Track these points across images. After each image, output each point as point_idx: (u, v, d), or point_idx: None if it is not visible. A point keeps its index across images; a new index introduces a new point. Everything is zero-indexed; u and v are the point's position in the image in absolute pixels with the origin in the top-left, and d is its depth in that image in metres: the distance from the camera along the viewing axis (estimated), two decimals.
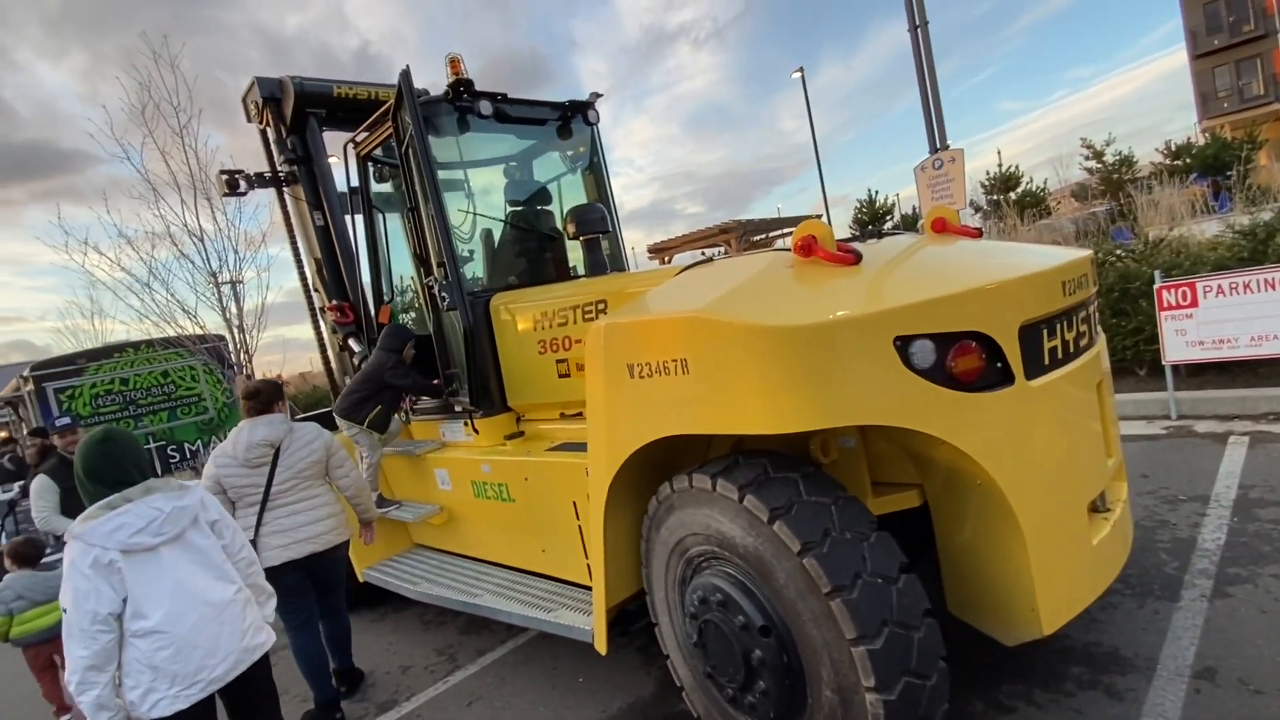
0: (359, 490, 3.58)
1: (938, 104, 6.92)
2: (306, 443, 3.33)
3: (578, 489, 3.03)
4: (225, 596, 2.17)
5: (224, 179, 5.20)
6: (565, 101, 4.27)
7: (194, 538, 2.17)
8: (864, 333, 1.84)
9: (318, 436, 3.39)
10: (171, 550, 2.10)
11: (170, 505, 2.11)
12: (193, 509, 2.18)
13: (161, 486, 2.17)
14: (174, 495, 2.15)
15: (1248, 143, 22.21)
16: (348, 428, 4.00)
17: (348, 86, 5.17)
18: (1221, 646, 2.51)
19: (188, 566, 2.11)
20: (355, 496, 3.58)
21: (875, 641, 1.77)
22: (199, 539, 2.18)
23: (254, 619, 2.26)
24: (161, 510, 2.08)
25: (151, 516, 2.06)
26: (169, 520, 2.09)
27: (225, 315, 8.62)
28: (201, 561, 2.16)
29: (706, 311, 2.01)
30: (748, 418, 1.94)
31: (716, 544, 2.17)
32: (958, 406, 1.91)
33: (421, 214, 3.70)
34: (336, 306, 5.11)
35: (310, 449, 3.33)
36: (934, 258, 2.43)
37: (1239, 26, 29.74)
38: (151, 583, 2.03)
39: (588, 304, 3.22)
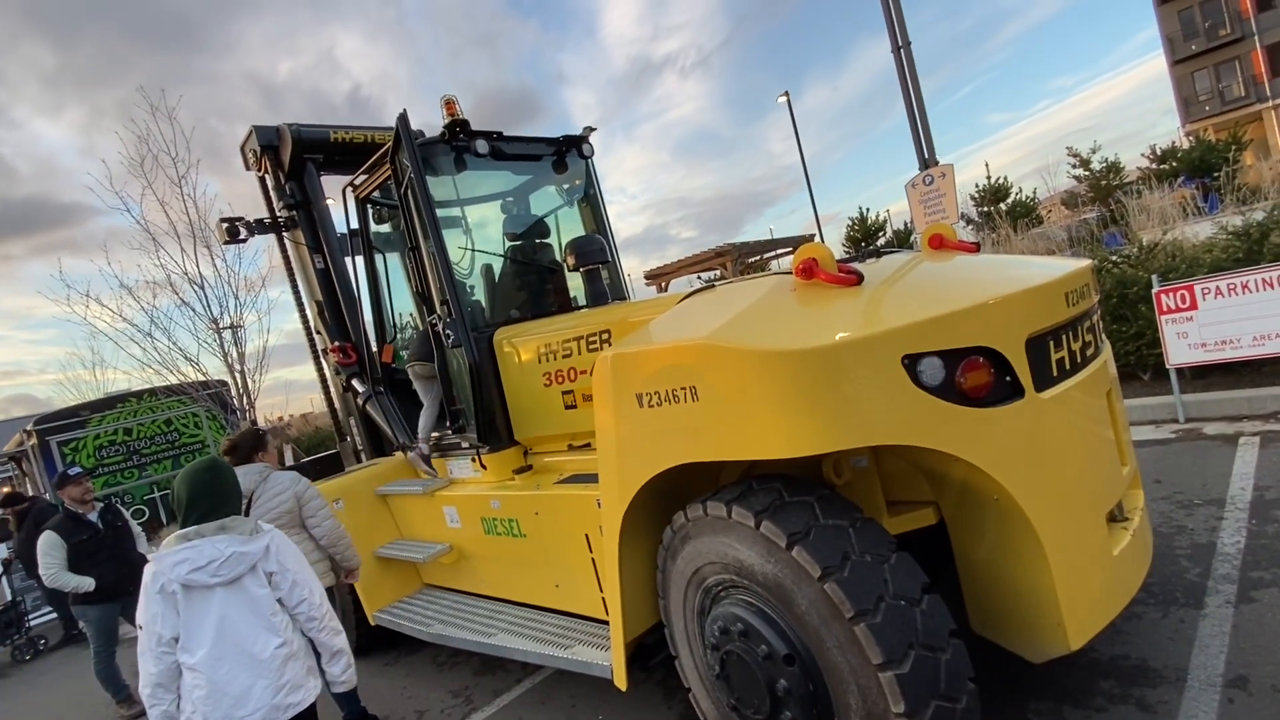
0: (336, 539, 3.54)
1: (924, 121, 7.02)
2: (276, 493, 3.35)
3: (590, 521, 3.01)
4: (266, 649, 2.16)
5: (224, 227, 5.26)
6: (560, 137, 4.33)
7: (249, 585, 2.17)
8: (871, 353, 1.84)
9: (289, 487, 3.40)
10: (226, 593, 2.12)
11: (231, 549, 2.13)
12: (253, 556, 2.18)
13: (235, 527, 2.19)
14: (239, 539, 2.16)
15: (1233, 143, 22.46)
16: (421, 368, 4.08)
17: (344, 131, 5.26)
18: (1252, 653, 2.47)
19: (236, 612, 2.12)
20: (333, 545, 3.54)
21: (902, 666, 1.74)
22: (254, 587, 2.18)
23: (294, 676, 2.21)
24: (222, 552, 2.10)
25: (213, 556, 2.09)
26: (227, 563, 2.10)
27: (227, 360, 8.63)
28: (251, 610, 2.15)
29: (715, 338, 2.01)
30: (760, 443, 1.94)
31: (735, 572, 2.14)
32: (969, 422, 1.91)
33: (422, 253, 3.73)
34: (339, 348, 5.14)
35: (279, 499, 3.34)
36: (935, 275, 2.44)
37: (1215, 31, 30.31)
38: (201, 621, 2.08)
39: (591, 334, 3.22)
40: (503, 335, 3.68)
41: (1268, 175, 18.61)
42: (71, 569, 4.57)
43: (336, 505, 4.34)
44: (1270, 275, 4.71)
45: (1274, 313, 4.70)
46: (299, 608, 2.29)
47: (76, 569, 4.58)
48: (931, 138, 6.98)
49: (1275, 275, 4.68)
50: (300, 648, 2.28)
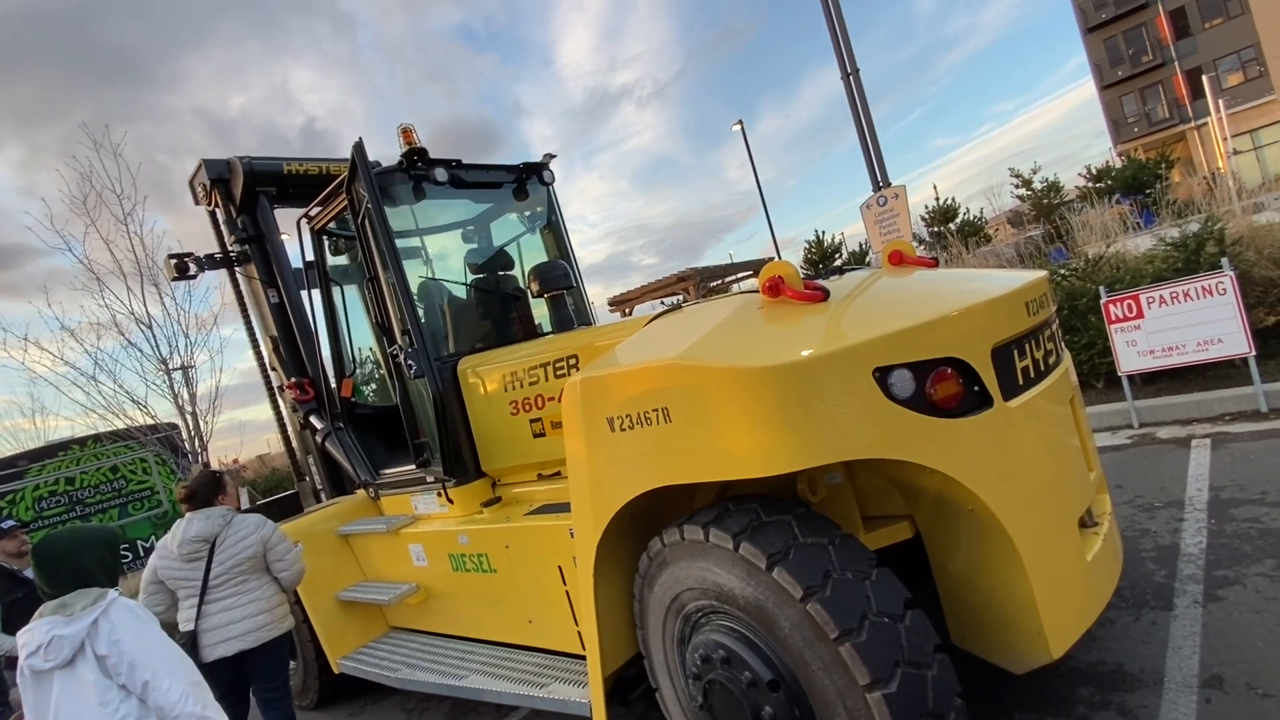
0: (295, 583, 3.41)
1: (876, 145, 7.23)
2: (241, 538, 3.20)
3: (562, 552, 2.92)
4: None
5: (172, 263, 5.09)
6: (520, 164, 4.31)
7: (80, 670, 1.93)
8: (843, 367, 1.83)
9: (254, 531, 3.25)
10: (61, 678, 1.92)
11: (51, 632, 1.91)
12: (74, 638, 1.92)
13: (72, 603, 1.97)
14: (62, 620, 1.94)
15: (1162, 162, 23.70)
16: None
17: (297, 163, 5.16)
18: (1224, 652, 2.50)
19: (68, 700, 1.90)
20: (293, 587, 3.42)
21: (890, 685, 1.70)
22: (84, 672, 1.93)
23: None
24: (44, 636, 1.91)
25: (40, 640, 1.91)
26: (50, 649, 1.90)
27: (178, 402, 8.29)
28: (80, 697, 1.91)
29: (685, 358, 1.98)
30: (735, 463, 1.90)
31: (714, 597, 2.09)
32: (941, 433, 1.91)
33: (381, 283, 3.64)
34: (296, 384, 4.97)
35: (244, 545, 3.20)
36: (898, 289, 2.47)
37: (1138, 57, 32.14)
38: (44, 706, 1.91)
39: (558, 360, 3.17)
40: (467, 365, 3.60)
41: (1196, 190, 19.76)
42: (5, 629, 4.26)
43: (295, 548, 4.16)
44: (1209, 283, 4.91)
45: (1215, 319, 4.89)
46: (145, 694, 1.94)
47: (10, 629, 4.27)
48: (884, 161, 7.19)
49: (1214, 283, 4.89)
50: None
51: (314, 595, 4.14)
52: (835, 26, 7.23)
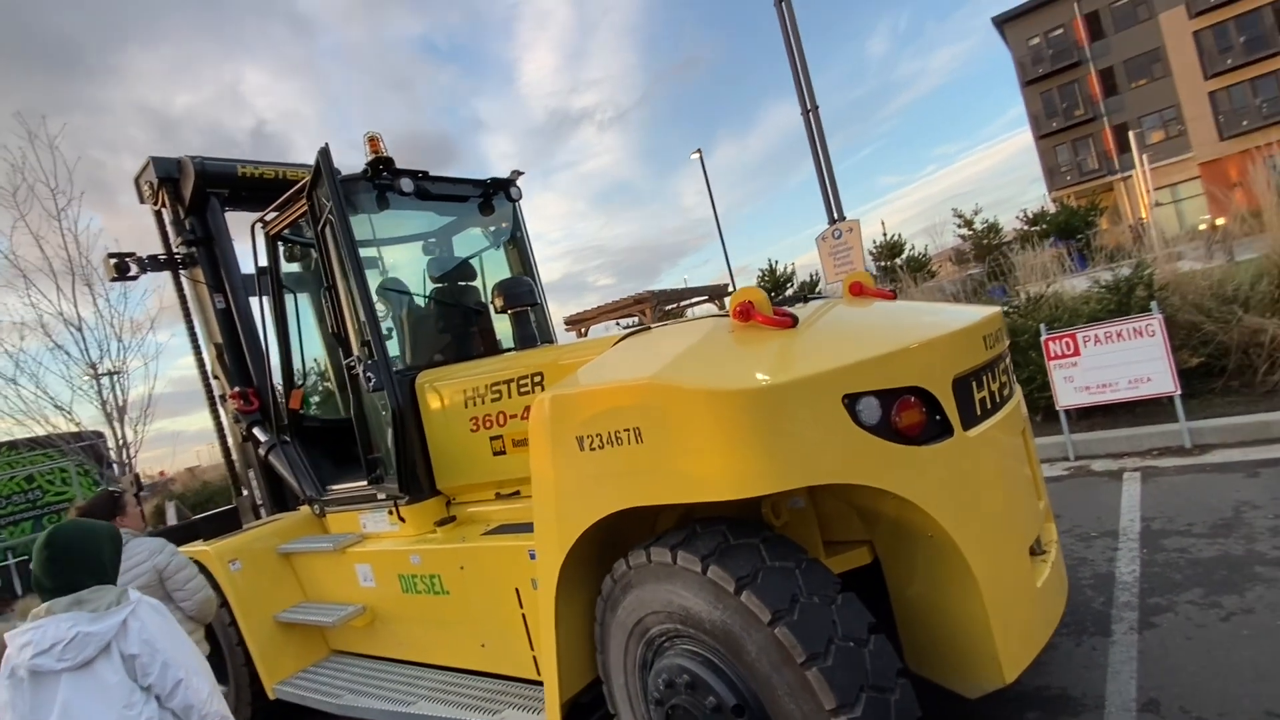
0: (206, 614, 3.23)
1: (832, 179, 7.49)
2: (131, 567, 2.97)
3: (520, 574, 2.86)
4: None
5: (112, 263, 4.86)
6: (487, 179, 4.29)
7: (101, 670, 1.82)
8: (814, 392, 1.86)
9: (149, 557, 3.06)
10: (72, 679, 1.79)
11: (76, 629, 1.80)
12: (103, 636, 1.83)
13: (91, 600, 1.86)
14: (88, 616, 1.83)
15: (1092, 210, 25.18)
16: None
17: (252, 166, 5.02)
18: (1159, 676, 2.62)
19: (82, 703, 1.79)
20: (204, 620, 3.24)
21: (855, 710, 1.71)
22: (106, 673, 1.83)
23: None
24: (65, 634, 1.79)
25: (56, 638, 1.77)
26: (72, 646, 1.78)
27: (105, 409, 7.84)
28: (101, 699, 1.81)
29: (660, 378, 1.99)
30: (706, 485, 1.91)
31: (679, 621, 2.07)
32: (906, 460, 1.96)
33: (339, 293, 3.54)
34: (239, 394, 4.77)
35: (134, 574, 2.97)
36: (862, 318, 2.54)
37: (1071, 111, 34.21)
38: (46, 712, 1.76)
39: (522, 377, 3.14)
40: (425, 379, 3.52)
41: (1122, 237, 21.09)
42: None
43: (233, 566, 3.96)
44: (1140, 325, 5.21)
45: (1145, 359, 5.18)
46: (175, 693, 1.89)
47: None
48: (839, 194, 7.45)
49: (1144, 325, 5.19)
50: None
51: (250, 616, 3.94)
52: (796, 64, 7.49)
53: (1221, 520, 3.79)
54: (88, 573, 1.92)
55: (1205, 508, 4.01)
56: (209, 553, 3.93)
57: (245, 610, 3.91)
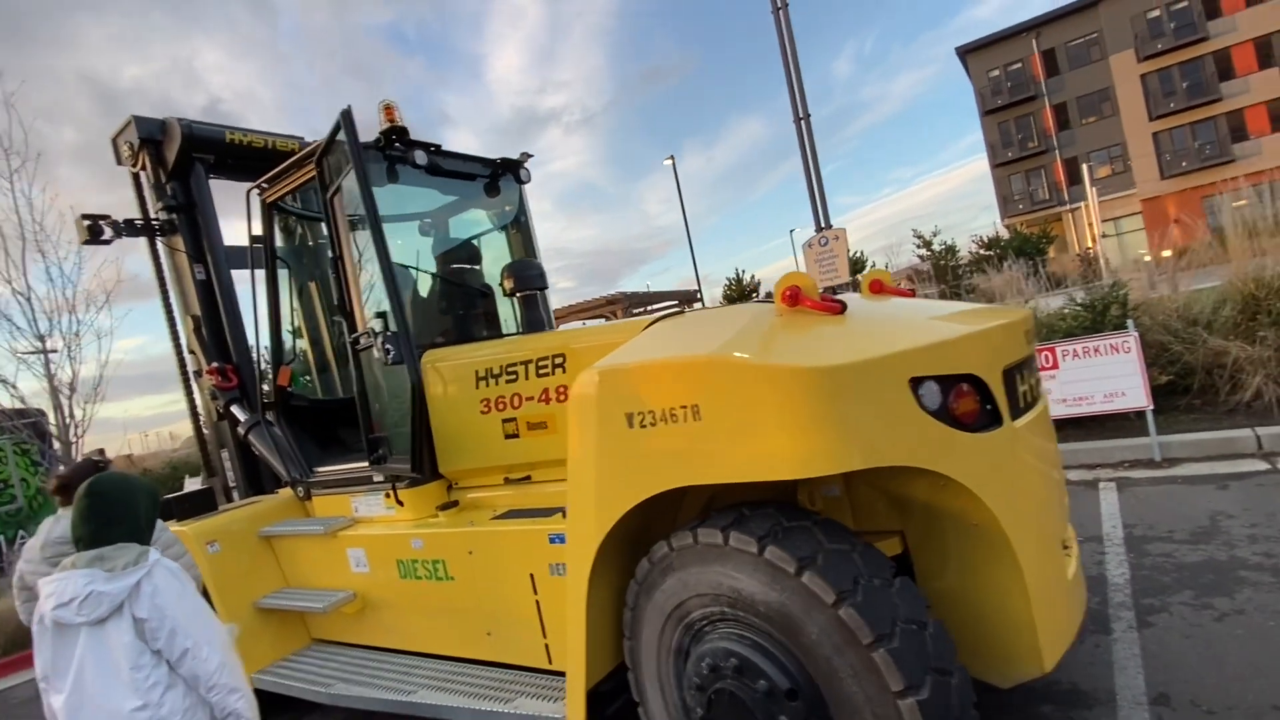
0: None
1: (821, 188, 7.62)
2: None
3: (536, 559, 2.78)
4: (122, 708, 1.78)
5: (85, 224, 4.57)
6: (497, 159, 4.19)
7: (112, 630, 1.81)
8: (884, 373, 1.86)
9: None
10: (88, 636, 1.81)
11: (91, 587, 1.78)
12: (115, 596, 1.79)
13: (111, 557, 1.84)
14: (103, 575, 1.81)
15: (1043, 237, 26.28)
16: None
17: (241, 133, 4.81)
18: (1165, 672, 2.70)
19: (94, 659, 1.80)
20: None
21: (921, 692, 1.70)
22: (116, 634, 1.81)
23: None
24: (81, 590, 1.78)
25: (74, 593, 1.78)
26: (86, 603, 1.78)
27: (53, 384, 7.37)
28: (110, 659, 1.80)
29: (724, 354, 1.95)
30: (769, 464, 1.87)
31: (728, 604, 2.03)
32: (964, 446, 1.97)
33: (346, 264, 3.40)
34: (218, 369, 4.53)
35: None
36: (901, 310, 2.55)
37: (1026, 142, 35.64)
38: (65, 662, 1.81)
39: (542, 358, 3.05)
40: (431, 358, 3.39)
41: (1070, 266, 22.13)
42: None
43: (211, 549, 3.75)
44: (1116, 341, 5.43)
45: (1120, 374, 5.40)
46: (182, 662, 1.87)
47: None
48: (827, 203, 7.58)
49: (1120, 341, 5.40)
50: (175, 711, 1.83)
51: (228, 603, 3.73)
52: (790, 72, 7.60)
53: (1200, 528, 3.95)
54: (120, 528, 1.90)
55: (1182, 516, 4.18)
56: (186, 533, 3.71)
57: (223, 595, 3.70)
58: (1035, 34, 34.40)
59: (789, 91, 7.61)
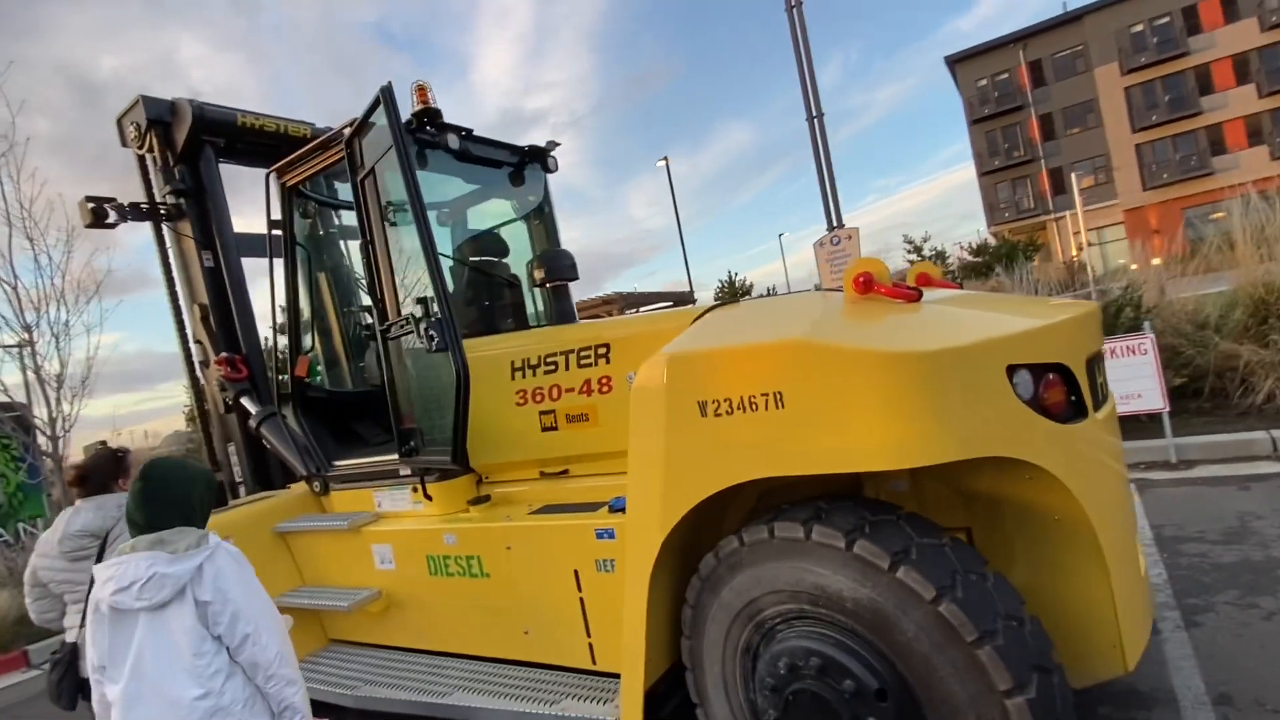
0: None
1: (833, 187, 7.61)
2: None
3: (581, 555, 2.69)
4: (183, 696, 1.72)
5: (89, 207, 4.39)
6: (525, 146, 4.09)
7: (173, 615, 1.76)
8: (983, 360, 1.79)
9: None
10: (148, 621, 1.75)
11: (154, 569, 1.73)
12: (179, 579, 1.75)
13: (172, 540, 1.79)
14: (166, 558, 1.76)
15: (1031, 246, 26.61)
16: None
17: (253, 117, 4.66)
18: (1222, 672, 2.65)
19: (154, 646, 1.75)
20: None
21: (1029, 690, 1.63)
22: (178, 618, 1.76)
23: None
24: (144, 573, 1.73)
25: (135, 577, 1.73)
26: (149, 586, 1.72)
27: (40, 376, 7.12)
28: (170, 645, 1.75)
29: (812, 339, 1.87)
30: (861, 454, 1.80)
31: (808, 601, 1.95)
32: (1056, 437, 1.91)
33: (377, 250, 3.28)
34: (227, 359, 4.38)
35: None
36: (970, 301, 2.49)
37: (1012, 151, 36.10)
38: (122, 649, 1.76)
39: (584, 348, 2.96)
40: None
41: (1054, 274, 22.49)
42: None
43: None
44: (1133, 343, 5.43)
45: (1137, 376, 5.40)
46: (242, 648, 1.81)
47: None
48: (839, 201, 7.56)
49: (1137, 343, 5.41)
50: (236, 701, 1.78)
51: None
52: (804, 74, 7.58)
53: (1230, 529, 3.94)
54: (176, 512, 1.86)
55: (1209, 517, 4.17)
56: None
57: None
58: (1022, 45, 34.88)
59: (801, 90, 7.60)
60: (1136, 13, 31.95)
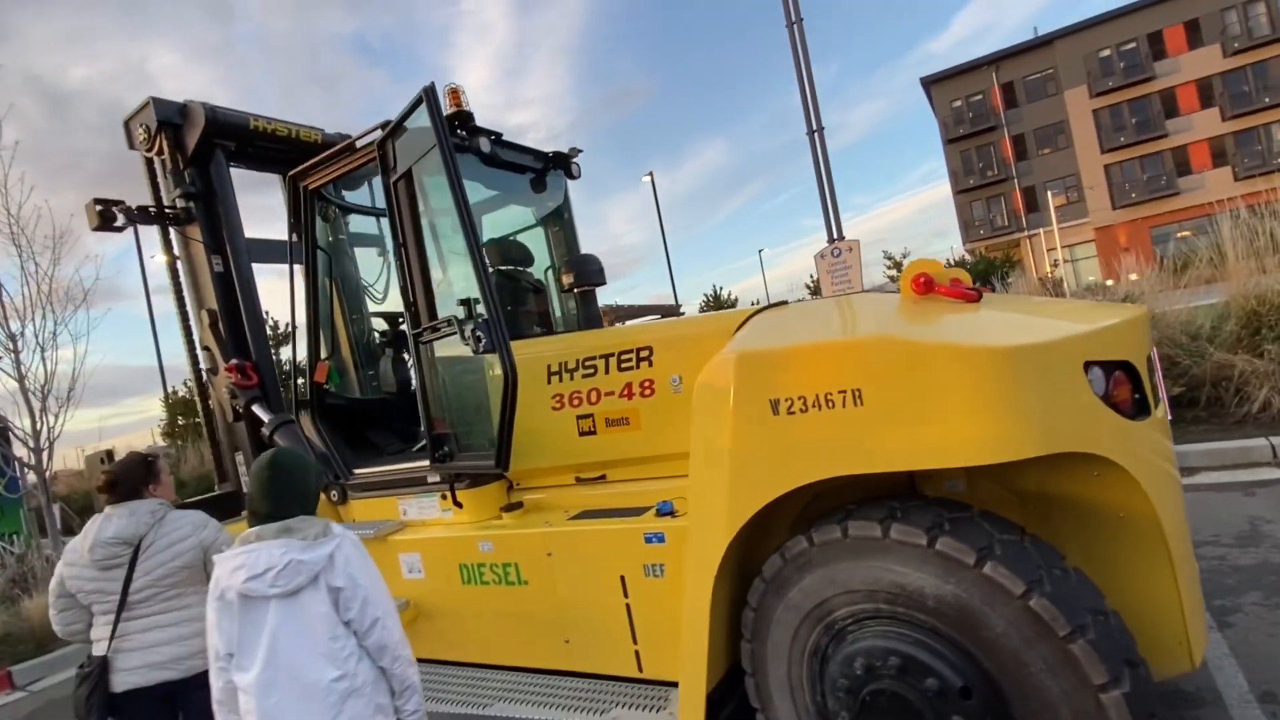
0: None
1: (834, 200, 7.71)
2: (174, 542, 2.56)
3: (628, 560, 2.65)
4: (320, 680, 1.78)
5: (97, 210, 4.28)
6: (550, 152, 4.08)
7: (308, 600, 1.81)
8: (1064, 357, 1.81)
9: (193, 533, 2.62)
10: (281, 608, 1.79)
11: (289, 556, 1.78)
12: (314, 566, 1.81)
13: (299, 529, 1.84)
14: (299, 545, 1.81)
15: (1007, 262, 27.20)
16: None
17: (265, 121, 4.60)
18: (1262, 671, 2.69)
19: (289, 631, 1.79)
20: None
21: (1123, 684, 1.64)
22: (313, 604, 1.81)
23: (356, 716, 1.81)
24: (279, 560, 1.77)
25: (270, 564, 1.77)
26: (284, 573, 1.77)
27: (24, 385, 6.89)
28: (306, 631, 1.80)
29: (894, 335, 1.87)
30: (946, 450, 1.80)
31: (885, 600, 1.94)
32: (1129, 433, 1.93)
33: (411, 254, 3.23)
34: (237, 367, 4.27)
35: (176, 550, 2.56)
36: (1019, 305, 2.52)
37: (986, 171, 36.97)
38: (255, 638, 1.79)
39: (624, 351, 2.94)
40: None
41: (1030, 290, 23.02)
42: None
43: None
44: None
45: None
46: (371, 632, 1.88)
47: None
48: (840, 215, 7.67)
49: None
50: (366, 682, 1.86)
51: None
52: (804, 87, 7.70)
53: (1243, 533, 4.02)
54: (297, 502, 1.91)
55: (1220, 521, 4.25)
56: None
57: None
58: (995, 67, 35.86)
59: (802, 105, 7.72)
60: (1104, 38, 33.06)
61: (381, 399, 4.24)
